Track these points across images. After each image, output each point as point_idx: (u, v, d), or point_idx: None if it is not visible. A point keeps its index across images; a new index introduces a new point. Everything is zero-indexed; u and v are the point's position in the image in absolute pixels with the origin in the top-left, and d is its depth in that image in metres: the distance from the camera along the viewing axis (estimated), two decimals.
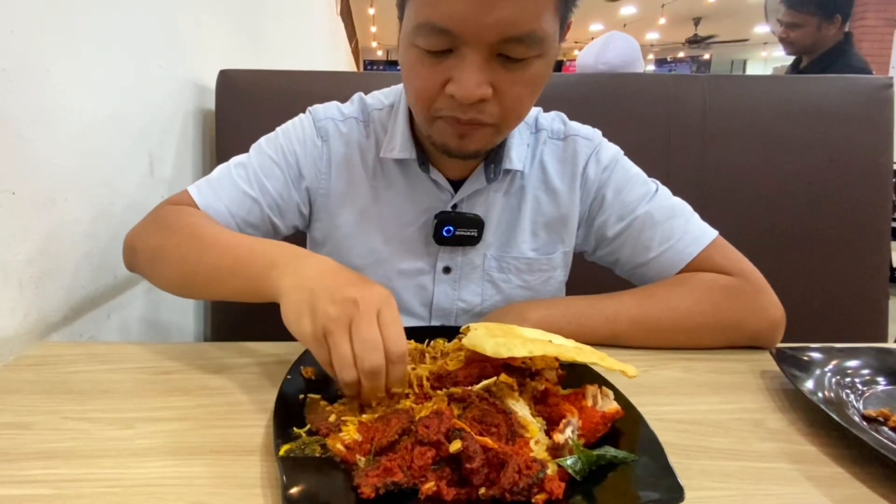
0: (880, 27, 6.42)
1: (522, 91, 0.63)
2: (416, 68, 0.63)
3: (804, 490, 0.43)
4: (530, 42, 0.59)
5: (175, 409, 0.52)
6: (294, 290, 0.52)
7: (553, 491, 0.37)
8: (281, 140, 0.79)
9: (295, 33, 2.16)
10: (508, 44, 0.59)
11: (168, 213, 0.72)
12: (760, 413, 0.55)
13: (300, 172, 0.79)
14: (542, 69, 0.63)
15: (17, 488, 0.41)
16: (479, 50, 0.59)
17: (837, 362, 0.60)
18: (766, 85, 1.21)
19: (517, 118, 0.67)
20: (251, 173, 0.77)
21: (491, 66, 0.60)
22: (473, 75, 0.59)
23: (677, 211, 0.78)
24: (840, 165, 1.18)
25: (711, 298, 0.71)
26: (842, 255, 1.18)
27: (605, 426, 0.45)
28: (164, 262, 0.68)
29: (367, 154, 0.80)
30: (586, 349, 0.47)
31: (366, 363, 0.46)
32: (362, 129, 0.81)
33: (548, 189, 0.81)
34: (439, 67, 0.62)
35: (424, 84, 0.63)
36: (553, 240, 0.82)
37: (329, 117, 0.80)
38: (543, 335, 0.49)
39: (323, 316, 0.48)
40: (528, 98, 0.65)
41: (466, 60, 0.59)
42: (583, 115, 0.86)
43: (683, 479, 0.38)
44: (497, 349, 0.45)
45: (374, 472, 0.38)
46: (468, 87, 0.60)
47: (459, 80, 0.60)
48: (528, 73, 0.62)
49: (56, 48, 0.74)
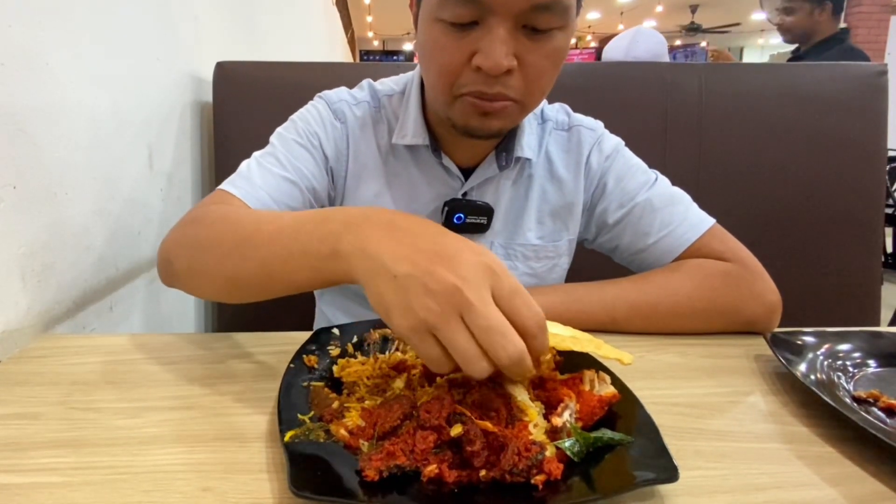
0: (876, 13, 6.40)
1: (546, 64, 0.63)
2: (441, 42, 0.63)
3: (796, 469, 0.44)
4: (557, 10, 0.59)
5: (181, 399, 0.53)
6: (372, 278, 0.42)
7: (552, 472, 0.38)
8: (300, 125, 0.78)
9: (291, 24, 2.15)
10: (535, 13, 0.59)
11: (202, 213, 0.62)
12: (754, 396, 0.56)
13: (324, 153, 0.78)
14: (563, 42, 0.63)
15: (26, 476, 0.42)
16: (506, 20, 0.59)
17: (829, 346, 0.61)
18: (761, 73, 1.22)
19: (541, 92, 0.67)
20: (283, 158, 0.74)
21: (516, 37, 0.60)
22: (502, 45, 0.59)
23: (676, 199, 0.79)
24: (835, 152, 1.19)
25: (710, 284, 0.72)
26: (836, 240, 1.19)
27: (603, 409, 0.46)
28: (205, 267, 0.57)
29: (381, 139, 0.80)
30: (583, 338, 0.48)
31: (502, 353, 0.38)
32: (374, 113, 0.80)
33: (553, 178, 0.82)
34: (465, 41, 0.61)
35: (450, 58, 0.63)
36: (558, 227, 0.83)
37: (342, 100, 0.80)
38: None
39: (423, 311, 0.39)
40: (551, 71, 0.65)
41: (493, 31, 0.59)
42: (580, 103, 0.87)
43: (678, 460, 0.39)
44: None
45: (377, 456, 0.39)
46: (496, 58, 0.59)
47: (488, 51, 0.60)
48: (551, 45, 0.62)
49: (55, 42, 0.74)
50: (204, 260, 0.57)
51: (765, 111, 1.19)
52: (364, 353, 0.58)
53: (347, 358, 0.56)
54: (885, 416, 0.50)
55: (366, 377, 0.51)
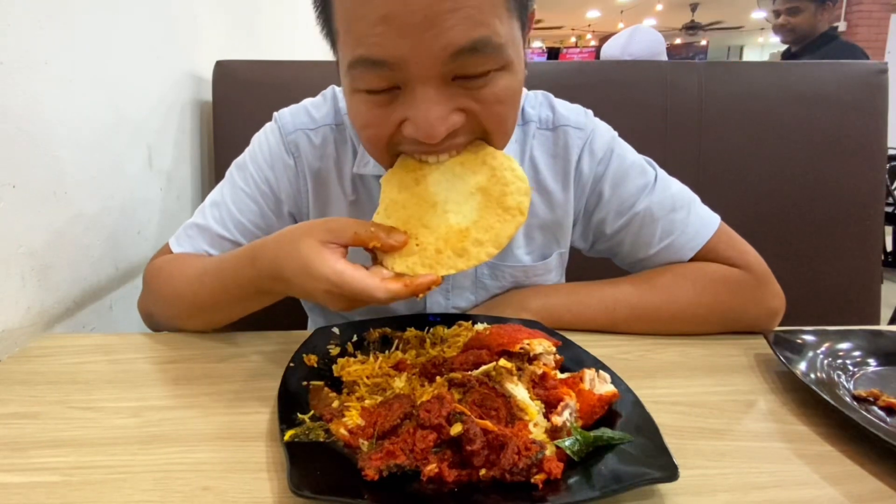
0: (876, 12, 6.40)
1: (498, 109, 0.55)
2: (365, 117, 0.55)
3: (795, 468, 0.44)
4: (486, 51, 0.50)
5: (181, 398, 0.53)
6: (300, 294, 0.59)
7: (551, 471, 0.38)
8: (251, 168, 0.74)
9: (291, 23, 2.15)
10: (461, 60, 0.50)
11: (157, 271, 0.72)
12: (754, 395, 0.56)
13: (278, 197, 0.74)
14: (510, 81, 0.54)
15: (26, 476, 0.42)
16: (429, 78, 0.50)
17: (829, 345, 0.61)
18: (762, 71, 1.22)
19: (504, 134, 0.58)
20: (225, 213, 0.73)
21: (451, 93, 0.52)
22: (431, 110, 0.51)
23: (678, 202, 0.74)
24: (835, 150, 1.19)
25: (713, 290, 0.70)
26: (836, 239, 1.19)
27: (602, 408, 0.46)
28: (185, 312, 0.68)
29: (344, 167, 0.74)
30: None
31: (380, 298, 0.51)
32: (337, 135, 0.74)
33: (541, 190, 0.76)
34: (390, 108, 0.53)
35: (377, 131, 0.55)
36: (548, 241, 0.78)
37: (299, 128, 0.74)
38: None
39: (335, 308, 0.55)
40: (511, 113, 0.57)
41: (418, 95, 0.51)
42: (580, 102, 0.85)
43: (678, 459, 0.39)
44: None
45: (377, 456, 0.39)
46: (428, 127, 0.51)
47: (416, 119, 0.52)
48: (497, 90, 0.53)
49: (54, 42, 0.74)
50: (170, 314, 0.69)
51: (765, 110, 1.19)
52: (364, 352, 0.58)
53: (347, 357, 0.56)
54: (885, 414, 0.50)
55: (366, 376, 0.51)
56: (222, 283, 0.63)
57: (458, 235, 0.53)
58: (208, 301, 0.65)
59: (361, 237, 0.53)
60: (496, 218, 0.54)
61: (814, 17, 2.17)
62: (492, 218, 0.54)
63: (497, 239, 0.53)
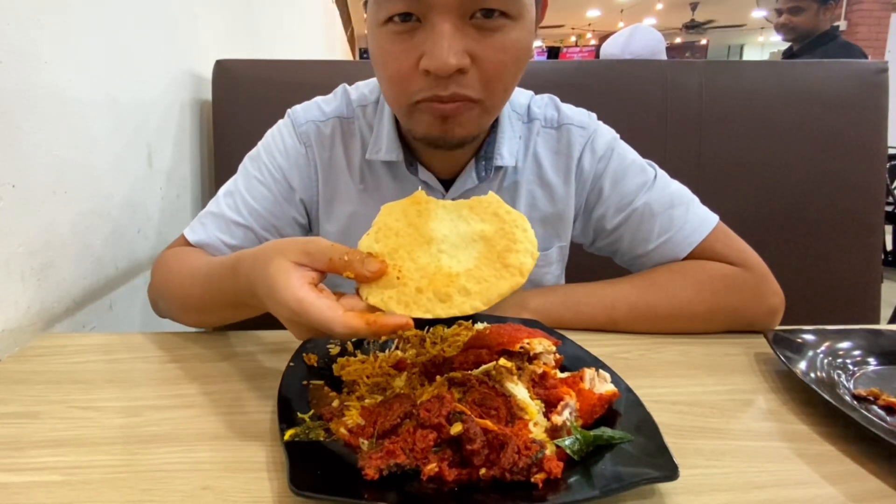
0: (877, 11, 6.40)
1: (503, 58, 0.60)
2: (387, 49, 0.60)
3: (796, 467, 0.44)
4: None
5: (181, 397, 0.53)
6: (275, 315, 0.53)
7: (552, 470, 0.38)
8: (264, 158, 0.77)
9: (291, 22, 2.16)
10: (480, 2, 0.56)
11: (163, 262, 0.74)
12: (754, 394, 0.56)
13: (290, 185, 0.77)
14: (519, 35, 0.60)
15: (26, 475, 0.42)
16: (448, 14, 0.56)
17: (829, 344, 0.61)
18: (762, 70, 1.22)
19: (503, 90, 0.63)
20: (239, 200, 0.75)
21: (465, 33, 0.57)
22: (448, 42, 0.56)
23: (676, 199, 0.76)
24: (835, 150, 1.19)
25: (712, 288, 0.71)
26: (836, 238, 1.19)
27: (602, 408, 0.46)
28: (180, 309, 0.70)
29: (353, 156, 0.77)
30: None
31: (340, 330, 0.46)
32: (346, 127, 0.77)
33: (543, 183, 0.78)
34: (410, 44, 0.59)
35: (398, 65, 0.60)
36: (549, 235, 0.80)
37: (310, 120, 0.77)
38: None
39: (298, 337, 0.49)
40: (511, 67, 0.61)
41: (437, 29, 0.56)
42: (580, 101, 0.86)
43: (678, 458, 0.39)
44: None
45: (377, 455, 0.39)
46: (441, 57, 0.56)
47: (433, 51, 0.57)
48: (506, 40, 0.59)
49: (53, 40, 0.74)
50: (169, 307, 0.71)
51: (765, 109, 1.19)
52: (364, 351, 0.58)
53: (347, 356, 0.56)
54: (885, 413, 0.50)
55: (366, 376, 0.51)
56: (209, 290, 0.62)
57: (445, 279, 0.47)
58: (198, 303, 0.65)
59: (335, 265, 0.48)
60: (493, 272, 0.48)
61: (816, 16, 2.18)
62: (488, 270, 0.48)
63: (487, 294, 0.47)
